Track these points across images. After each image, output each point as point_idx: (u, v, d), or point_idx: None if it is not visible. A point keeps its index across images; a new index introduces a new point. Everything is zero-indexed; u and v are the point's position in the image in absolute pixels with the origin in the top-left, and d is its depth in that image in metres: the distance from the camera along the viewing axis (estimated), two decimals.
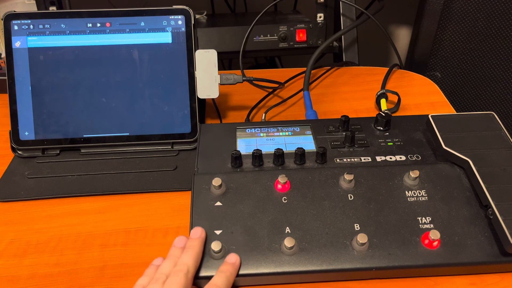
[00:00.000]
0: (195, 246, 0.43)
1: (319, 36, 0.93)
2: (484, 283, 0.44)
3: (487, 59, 0.91)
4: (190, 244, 0.44)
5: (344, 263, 0.43)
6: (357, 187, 0.50)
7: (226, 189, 0.50)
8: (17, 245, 0.50)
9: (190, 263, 0.42)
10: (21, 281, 0.46)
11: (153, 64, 0.61)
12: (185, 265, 0.41)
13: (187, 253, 0.42)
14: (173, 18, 0.61)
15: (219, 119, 0.71)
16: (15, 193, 0.56)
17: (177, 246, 0.44)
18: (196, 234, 0.45)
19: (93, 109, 0.61)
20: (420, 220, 0.46)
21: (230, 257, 0.44)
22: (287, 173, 0.51)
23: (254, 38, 0.91)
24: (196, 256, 0.43)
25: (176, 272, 0.40)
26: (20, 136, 0.60)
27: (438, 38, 0.90)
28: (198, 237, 0.44)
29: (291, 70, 0.83)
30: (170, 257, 0.43)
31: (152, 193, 0.56)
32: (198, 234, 0.45)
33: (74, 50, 0.60)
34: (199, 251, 0.43)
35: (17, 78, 0.60)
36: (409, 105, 0.73)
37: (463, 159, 0.50)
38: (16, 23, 0.59)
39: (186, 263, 0.41)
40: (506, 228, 0.42)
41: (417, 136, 0.57)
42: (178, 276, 0.40)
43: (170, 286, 0.39)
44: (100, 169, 0.59)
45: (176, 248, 0.44)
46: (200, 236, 0.45)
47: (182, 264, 0.41)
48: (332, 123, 0.60)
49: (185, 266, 0.41)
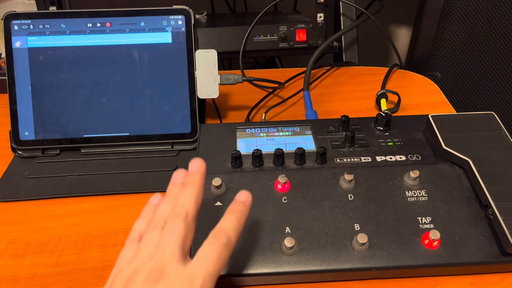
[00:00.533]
0: (195, 182, 0.38)
1: (319, 36, 0.93)
2: (484, 283, 0.44)
3: (487, 59, 0.91)
4: (189, 179, 0.39)
5: (344, 263, 0.43)
6: (357, 187, 0.50)
7: (226, 189, 0.50)
8: (17, 245, 0.50)
9: (190, 204, 0.37)
10: (21, 281, 0.46)
11: (153, 64, 0.61)
12: (184, 208, 0.37)
13: (186, 192, 0.38)
14: (173, 18, 0.61)
15: (219, 119, 0.71)
16: (15, 193, 0.56)
17: (175, 183, 0.40)
18: (195, 167, 0.39)
19: (93, 109, 0.61)
20: (420, 220, 0.46)
21: (241, 195, 0.39)
22: (287, 173, 0.51)
23: (254, 38, 0.91)
24: (197, 195, 0.38)
25: (175, 217, 0.36)
26: (20, 136, 0.60)
27: (438, 38, 0.90)
28: (198, 170, 0.39)
29: (291, 70, 0.83)
30: (169, 196, 0.39)
31: (152, 193, 0.56)
32: (198, 167, 0.39)
33: (74, 50, 0.60)
34: (199, 188, 0.38)
35: (17, 78, 0.60)
36: (409, 105, 0.73)
37: (463, 159, 0.50)
38: (16, 23, 0.59)
39: (185, 204, 0.37)
40: (506, 228, 0.42)
41: (417, 136, 0.57)
42: (177, 222, 0.36)
43: (169, 234, 0.35)
44: (100, 169, 0.59)
45: (175, 185, 0.40)
46: (199, 169, 0.39)
47: (181, 207, 0.37)
48: (332, 123, 0.60)
49: (184, 208, 0.37)
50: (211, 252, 0.35)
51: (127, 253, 0.37)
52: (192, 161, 0.40)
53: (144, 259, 0.35)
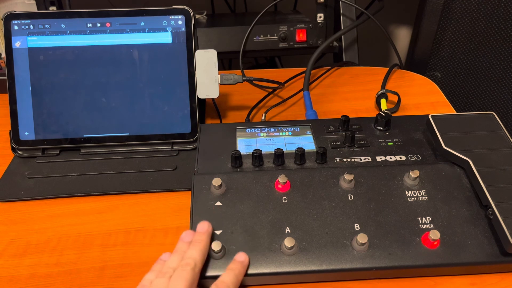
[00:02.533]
0: (202, 240, 0.43)
1: (319, 36, 0.93)
2: (484, 283, 0.44)
3: (487, 59, 0.91)
4: (197, 238, 0.44)
5: (344, 263, 0.43)
6: (357, 187, 0.50)
7: (226, 189, 0.50)
8: (17, 245, 0.50)
9: (197, 257, 0.41)
10: (21, 281, 0.46)
11: (153, 64, 0.61)
12: (192, 259, 0.41)
13: (194, 248, 0.42)
14: (173, 18, 0.61)
15: (219, 119, 0.71)
16: (15, 193, 0.56)
17: (184, 241, 0.44)
18: (203, 229, 0.45)
19: (93, 109, 0.61)
20: (420, 220, 0.46)
21: (239, 256, 0.43)
22: (287, 173, 0.51)
23: (254, 38, 0.91)
24: (203, 251, 0.43)
25: (183, 266, 0.40)
26: (20, 136, 0.60)
27: (438, 38, 0.90)
28: (205, 231, 0.44)
29: (291, 70, 0.83)
30: (177, 251, 0.43)
31: (152, 193, 0.56)
32: (205, 229, 0.45)
33: (74, 50, 0.60)
34: (206, 246, 0.43)
35: (17, 78, 0.60)
36: (409, 105, 0.73)
37: (463, 159, 0.50)
38: (16, 23, 0.59)
39: (193, 257, 0.41)
40: (506, 228, 0.42)
41: (417, 136, 0.57)
42: (185, 270, 0.40)
43: (177, 280, 0.39)
44: (100, 169, 0.59)
45: (183, 243, 0.44)
46: (207, 231, 0.45)
47: (189, 258, 0.41)
48: (332, 123, 0.60)
49: (192, 260, 0.41)
50: None
51: None
52: (200, 224, 0.45)
53: None
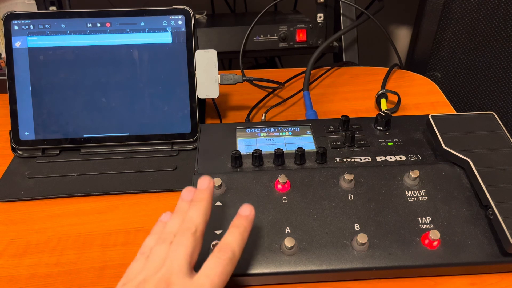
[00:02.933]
0: (203, 199, 0.40)
1: (319, 36, 0.93)
2: (484, 283, 0.44)
3: (487, 59, 0.91)
4: (197, 196, 0.40)
5: (344, 263, 0.43)
6: (357, 187, 0.50)
7: (226, 189, 0.50)
8: (17, 245, 0.50)
9: (198, 219, 0.39)
10: (21, 281, 0.46)
11: (153, 64, 0.61)
12: (193, 223, 0.38)
13: (195, 208, 0.39)
14: (173, 18, 0.61)
15: (219, 119, 0.71)
16: (15, 193, 0.56)
17: (184, 199, 0.41)
18: (204, 185, 0.41)
19: (93, 109, 0.61)
20: (420, 220, 0.46)
21: (244, 209, 0.40)
22: (287, 173, 0.51)
23: (254, 38, 0.91)
24: (205, 211, 0.39)
25: (183, 231, 0.38)
26: (20, 136, 0.60)
27: (438, 38, 0.90)
28: (206, 188, 0.41)
29: (291, 70, 0.83)
30: (178, 212, 0.40)
31: (152, 193, 0.56)
32: (206, 184, 0.41)
33: (74, 50, 0.60)
34: (207, 205, 0.40)
35: (17, 78, 0.60)
36: (409, 105, 0.73)
37: (463, 159, 0.50)
38: (16, 23, 0.59)
39: (194, 220, 0.38)
40: (506, 228, 0.42)
41: (417, 136, 0.57)
42: (186, 236, 0.37)
43: (177, 247, 0.37)
44: (100, 169, 0.59)
45: (184, 202, 0.41)
46: (208, 187, 0.41)
47: (189, 222, 0.38)
48: (332, 123, 0.60)
49: (193, 223, 0.38)
50: (217, 265, 0.36)
51: (136, 265, 0.38)
52: (201, 179, 0.42)
53: (152, 270, 0.36)
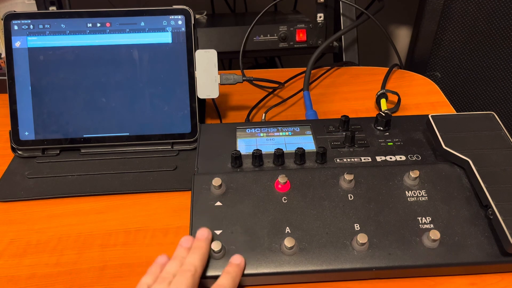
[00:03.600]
0: (202, 247, 0.43)
1: (319, 36, 0.93)
2: (484, 283, 0.44)
3: (487, 59, 0.91)
4: (196, 244, 0.43)
5: (344, 263, 0.43)
6: (357, 187, 0.50)
7: (226, 189, 0.50)
8: (17, 245, 0.50)
9: (197, 263, 0.41)
10: (21, 281, 0.46)
11: (153, 64, 0.61)
12: (192, 265, 0.41)
13: (194, 254, 0.42)
14: (173, 18, 0.61)
15: (219, 119, 0.71)
16: (15, 193, 0.56)
17: (183, 246, 0.44)
18: (203, 236, 0.44)
19: (93, 109, 0.61)
20: (420, 220, 0.46)
21: (235, 258, 0.43)
22: (287, 173, 0.51)
23: (254, 38, 0.91)
24: (203, 257, 0.42)
25: (183, 272, 0.40)
26: (20, 136, 0.60)
27: (438, 38, 0.90)
28: (205, 238, 0.44)
29: (291, 70, 0.83)
30: (177, 257, 0.43)
31: (152, 193, 0.56)
32: (205, 235, 0.44)
33: (74, 50, 0.60)
34: (205, 252, 0.43)
35: (17, 78, 0.60)
36: (409, 105, 0.73)
37: (463, 159, 0.50)
38: (16, 23, 0.59)
39: (193, 263, 0.41)
40: (506, 228, 0.42)
41: (417, 136, 0.57)
42: (185, 276, 0.39)
43: (177, 286, 0.39)
44: (100, 169, 0.59)
45: (183, 248, 0.44)
46: (207, 237, 0.44)
47: (189, 264, 0.41)
48: (332, 123, 0.60)
49: (192, 266, 0.41)
50: None
51: None
52: (200, 230, 0.45)
53: None
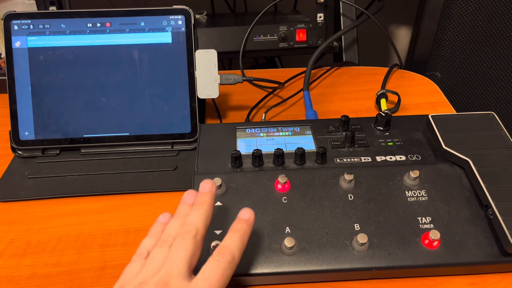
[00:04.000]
0: (205, 202, 0.39)
1: (319, 36, 0.93)
2: (484, 283, 0.44)
3: (487, 59, 0.91)
4: (199, 200, 0.40)
5: (344, 263, 0.43)
6: (357, 187, 0.50)
7: (226, 189, 0.50)
8: (17, 245, 0.50)
9: (199, 223, 0.38)
10: (21, 281, 0.46)
11: (153, 64, 0.61)
12: (194, 226, 0.37)
13: (196, 211, 0.39)
14: (173, 18, 0.61)
15: (219, 119, 0.71)
16: (15, 193, 0.56)
17: (185, 203, 0.41)
18: (206, 188, 0.41)
19: (93, 109, 0.61)
20: (420, 220, 0.46)
21: (244, 213, 0.40)
22: (287, 173, 0.51)
23: (254, 38, 0.91)
24: (206, 215, 0.39)
25: (184, 234, 0.37)
26: (20, 136, 0.60)
27: (438, 38, 0.90)
28: (208, 191, 0.40)
29: (291, 70, 0.83)
30: (178, 215, 0.40)
31: (152, 193, 0.56)
32: (208, 188, 0.40)
33: (74, 50, 0.60)
34: (209, 209, 0.39)
35: (17, 78, 0.60)
36: (409, 105, 0.73)
37: (463, 159, 0.50)
38: (16, 23, 0.59)
39: (195, 223, 0.38)
40: (506, 228, 0.42)
41: (417, 136, 0.57)
42: (186, 239, 0.36)
43: (177, 250, 0.36)
44: (100, 169, 0.59)
45: (185, 205, 0.40)
46: (210, 190, 0.40)
47: (190, 225, 0.38)
48: (332, 123, 0.60)
49: (194, 226, 0.37)
50: (216, 268, 0.36)
51: (134, 267, 0.37)
52: (203, 182, 0.41)
53: (150, 273, 0.36)
